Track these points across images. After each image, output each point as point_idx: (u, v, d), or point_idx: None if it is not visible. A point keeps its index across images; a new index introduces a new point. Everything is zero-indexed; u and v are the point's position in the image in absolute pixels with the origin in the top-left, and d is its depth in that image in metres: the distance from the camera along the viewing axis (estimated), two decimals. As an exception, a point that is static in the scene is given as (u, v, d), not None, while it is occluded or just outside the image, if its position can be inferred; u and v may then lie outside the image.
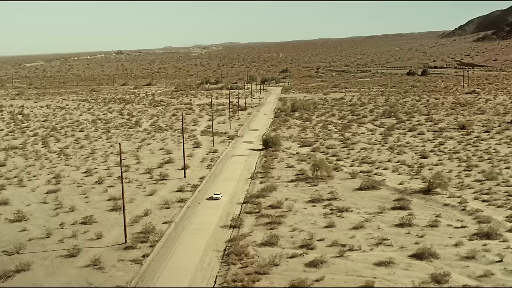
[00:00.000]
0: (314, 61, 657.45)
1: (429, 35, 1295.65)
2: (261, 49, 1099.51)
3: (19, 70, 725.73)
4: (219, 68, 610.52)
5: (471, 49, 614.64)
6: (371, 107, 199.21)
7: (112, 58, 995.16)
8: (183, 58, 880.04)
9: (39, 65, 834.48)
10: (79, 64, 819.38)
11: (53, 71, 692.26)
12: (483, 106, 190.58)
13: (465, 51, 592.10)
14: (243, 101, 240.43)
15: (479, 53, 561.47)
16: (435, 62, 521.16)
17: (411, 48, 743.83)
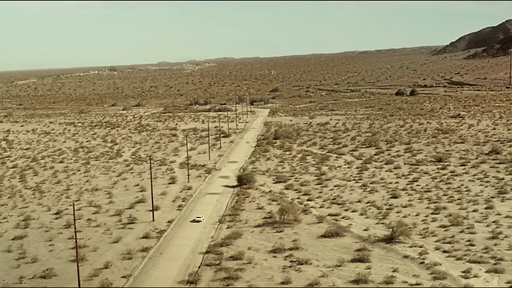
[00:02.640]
0: (305, 79, 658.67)
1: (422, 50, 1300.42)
2: (254, 65, 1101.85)
3: (10, 88, 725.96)
4: (210, 87, 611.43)
5: (461, 67, 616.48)
6: (354, 134, 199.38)
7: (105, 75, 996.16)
8: (175, 75, 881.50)
9: (31, 82, 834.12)
10: (71, 82, 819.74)
11: (44, 90, 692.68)
12: (465, 133, 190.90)
13: (455, 69, 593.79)
14: (229, 125, 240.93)
15: (469, 71, 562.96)
16: (425, 81, 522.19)
17: (402, 66, 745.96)
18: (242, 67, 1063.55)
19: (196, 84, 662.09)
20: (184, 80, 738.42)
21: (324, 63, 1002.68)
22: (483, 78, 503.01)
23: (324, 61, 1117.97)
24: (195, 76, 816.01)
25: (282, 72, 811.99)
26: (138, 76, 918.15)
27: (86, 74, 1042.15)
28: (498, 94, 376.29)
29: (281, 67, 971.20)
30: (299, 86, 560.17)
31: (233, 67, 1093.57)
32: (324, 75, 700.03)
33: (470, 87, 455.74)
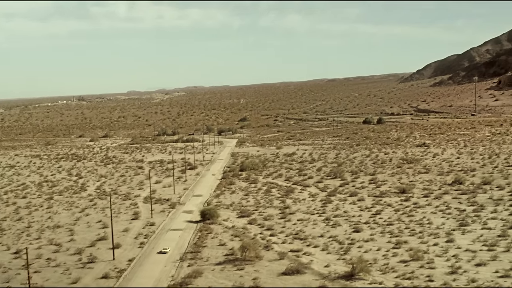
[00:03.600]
0: (274, 108, 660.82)
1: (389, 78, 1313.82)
2: (223, 94, 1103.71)
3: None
4: (178, 116, 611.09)
5: (427, 94, 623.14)
6: (320, 165, 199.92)
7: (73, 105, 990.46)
8: (144, 104, 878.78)
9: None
10: (39, 112, 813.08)
11: (11, 121, 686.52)
12: (429, 162, 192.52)
13: (422, 97, 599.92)
14: (196, 156, 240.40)
15: (435, 98, 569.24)
16: (392, 109, 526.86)
17: (369, 94, 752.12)
18: (212, 95, 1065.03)
19: (164, 114, 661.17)
20: (153, 110, 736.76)
21: (293, 92, 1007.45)
22: (449, 106, 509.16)
23: (293, 89, 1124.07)
24: (164, 106, 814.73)
25: (251, 101, 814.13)
26: (106, 106, 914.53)
27: (55, 104, 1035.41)
28: (463, 121, 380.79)
29: (250, 95, 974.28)
30: (268, 115, 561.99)
31: (202, 96, 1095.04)
32: (292, 104, 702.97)
33: (436, 115, 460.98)
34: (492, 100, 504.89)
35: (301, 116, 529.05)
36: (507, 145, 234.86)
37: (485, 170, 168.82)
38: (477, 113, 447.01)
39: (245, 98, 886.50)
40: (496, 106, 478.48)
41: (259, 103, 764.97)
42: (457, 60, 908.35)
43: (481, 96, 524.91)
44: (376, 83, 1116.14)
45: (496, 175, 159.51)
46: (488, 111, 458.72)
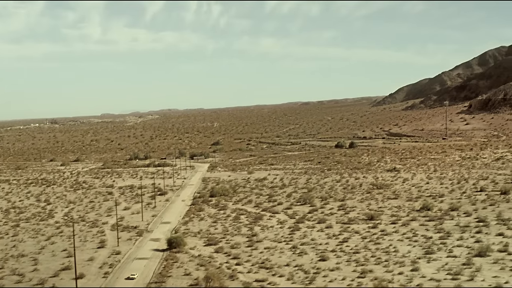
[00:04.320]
0: (247, 132, 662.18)
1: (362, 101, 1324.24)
2: (197, 117, 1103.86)
3: None
4: (151, 140, 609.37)
5: (399, 118, 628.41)
6: (290, 190, 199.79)
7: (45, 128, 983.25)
8: (117, 128, 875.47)
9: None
10: (11, 135, 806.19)
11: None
12: (399, 188, 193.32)
13: (394, 121, 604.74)
14: (167, 182, 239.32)
15: (407, 122, 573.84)
16: (365, 133, 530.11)
17: (342, 117, 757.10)
18: (185, 119, 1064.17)
19: (137, 138, 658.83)
20: (126, 133, 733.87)
21: (267, 115, 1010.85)
22: (421, 129, 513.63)
23: (266, 112, 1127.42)
24: (137, 129, 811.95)
25: (224, 124, 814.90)
26: (79, 129, 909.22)
27: (27, 127, 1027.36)
28: (434, 145, 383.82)
29: (224, 119, 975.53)
30: (241, 139, 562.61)
31: (176, 119, 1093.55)
32: (266, 127, 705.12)
33: (408, 139, 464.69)
34: (463, 124, 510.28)
35: (274, 140, 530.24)
36: (476, 169, 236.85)
37: (453, 196, 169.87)
38: (448, 137, 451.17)
39: (218, 122, 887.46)
40: (467, 130, 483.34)
41: (233, 126, 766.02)
42: (429, 84, 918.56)
43: (452, 120, 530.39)
44: (349, 106, 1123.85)
45: (464, 200, 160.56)
46: (459, 135, 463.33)
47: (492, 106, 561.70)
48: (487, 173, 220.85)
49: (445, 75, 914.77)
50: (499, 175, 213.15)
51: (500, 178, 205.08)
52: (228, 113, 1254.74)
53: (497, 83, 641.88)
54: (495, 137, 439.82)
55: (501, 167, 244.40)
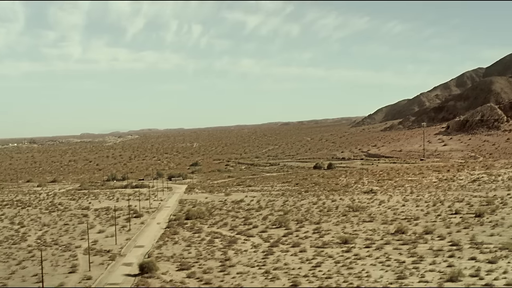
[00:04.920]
0: (227, 152, 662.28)
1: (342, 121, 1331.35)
2: (177, 137, 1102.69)
3: None
4: (130, 161, 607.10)
5: (378, 139, 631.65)
6: (266, 213, 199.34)
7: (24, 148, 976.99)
8: (96, 148, 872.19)
9: None
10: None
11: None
12: (374, 210, 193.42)
13: (373, 141, 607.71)
14: (143, 204, 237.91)
15: (385, 143, 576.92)
16: (343, 153, 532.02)
17: (321, 138, 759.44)
18: (165, 139, 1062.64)
19: (116, 158, 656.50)
20: (104, 154, 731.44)
21: (247, 135, 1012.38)
22: (399, 150, 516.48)
23: (246, 133, 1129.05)
24: (116, 149, 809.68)
25: (204, 145, 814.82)
26: (58, 149, 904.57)
27: (5, 147, 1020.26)
28: (412, 166, 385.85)
29: (204, 139, 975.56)
30: (220, 159, 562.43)
31: (156, 139, 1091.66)
32: (245, 148, 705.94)
33: (386, 160, 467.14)
34: (441, 145, 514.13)
35: (253, 160, 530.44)
36: (452, 191, 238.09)
37: (428, 219, 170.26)
38: (426, 158, 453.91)
39: (198, 142, 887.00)
40: (445, 151, 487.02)
41: (212, 147, 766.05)
42: (407, 104, 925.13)
43: (430, 141, 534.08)
44: (329, 127, 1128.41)
45: (439, 223, 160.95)
46: (437, 156, 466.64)
47: (470, 127, 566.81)
48: (463, 195, 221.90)
49: (424, 96, 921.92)
50: (475, 197, 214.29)
51: (476, 200, 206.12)
52: (208, 133, 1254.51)
53: (475, 105, 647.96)
54: (472, 158, 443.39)
55: (477, 189, 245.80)
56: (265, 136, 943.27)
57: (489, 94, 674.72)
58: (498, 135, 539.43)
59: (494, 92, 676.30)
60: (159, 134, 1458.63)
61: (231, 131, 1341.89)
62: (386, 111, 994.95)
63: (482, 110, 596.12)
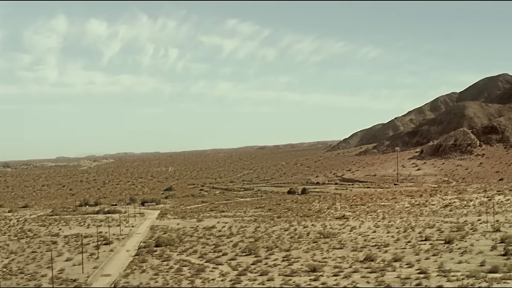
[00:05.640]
0: (202, 177, 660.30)
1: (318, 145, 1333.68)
2: (152, 161, 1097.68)
3: None
4: (104, 185, 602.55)
5: (352, 163, 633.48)
6: (237, 240, 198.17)
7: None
8: (70, 172, 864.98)
9: None
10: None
11: None
12: (345, 237, 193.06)
13: (347, 166, 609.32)
14: (115, 230, 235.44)
15: (360, 167, 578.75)
16: (318, 178, 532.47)
17: (296, 162, 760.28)
18: (140, 163, 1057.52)
19: (90, 183, 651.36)
20: (78, 178, 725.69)
21: (222, 159, 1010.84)
22: (373, 175, 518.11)
23: (222, 157, 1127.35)
24: (90, 174, 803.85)
25: (179, 169, 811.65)
26: (32, 173, 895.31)
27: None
28: (385, 191, 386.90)
29: (180, 163, 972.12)
30: (194, 184, 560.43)
31: (131, 163, 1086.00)
32: (220, 172, 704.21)
33: (360, 184, 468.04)
34: (415, 170, 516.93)
35: (227, 185, 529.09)
36: (424, 217, 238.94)
37: (398, 245, 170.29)
38: (399, 183, 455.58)
39: (174, 166, 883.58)
40: (418, 175, 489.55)
41: (187, 171, 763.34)
42: (382, 129, 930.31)
43: (404, 165, 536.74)
44: (304, 151, 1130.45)
45: (408, 250, 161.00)
46: (411, 181, 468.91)
47: (443, 152, 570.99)
48: (434, 221, 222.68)
49: (398, 120, 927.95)
50: (446, 223, 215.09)
51: (446, 226, 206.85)
52: (184, 157, 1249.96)
53: (448, 129, 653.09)
54: (445, 182, 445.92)
55: (448, 214, 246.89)
56: (240, 160, 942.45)
57: (462, 118, 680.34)
58: (471, 159, 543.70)
59: (467, 116, 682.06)
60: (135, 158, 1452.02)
61: (207, 155, 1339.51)
62: (361, 135, 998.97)
63: (456, 134, 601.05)
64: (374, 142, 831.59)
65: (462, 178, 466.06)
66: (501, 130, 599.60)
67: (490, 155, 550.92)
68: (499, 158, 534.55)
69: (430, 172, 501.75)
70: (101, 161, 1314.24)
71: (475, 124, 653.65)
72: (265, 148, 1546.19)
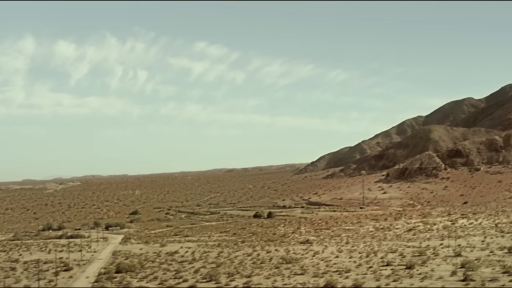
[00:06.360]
0: (168, 200, 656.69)
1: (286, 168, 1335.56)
2: (119, 184, 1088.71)
3: None
4: (69, 209, 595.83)
5: (319, 186, 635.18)
6: (199, 265, 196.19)
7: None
8: (36, 195, 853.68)
9: None
10: None
11: None
12: (308, 262, 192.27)
13: (314, 189, 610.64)
14: (76, 255, 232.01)
15: (326, 191, 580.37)
16: (284, 201, 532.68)
17: (264, 186, 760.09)
18: (107, 186, 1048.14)
19: (55, 206, 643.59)
20: (43, 201, 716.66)
21: (190, 182, 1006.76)
22: (339, 198, 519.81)
23: (190, 180, 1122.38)
24: (56, 197, 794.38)
25: (146, 192, 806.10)
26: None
27: None
28: (351, 215, 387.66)
29: (147, 186, 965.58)
30: (161, 208, 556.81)
31: (98, 186, 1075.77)
32: (187, 196, 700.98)
33: (326, 208, 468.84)
34: (381, 193, 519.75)
35: (193, 209, 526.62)
36: (387, 241, 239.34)
37: (359, 271, 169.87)
38: (365, 206, 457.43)
39: (140, 189, 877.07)
40: (384, 198, 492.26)
41: (154, 194, 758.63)
42: (349, 152, 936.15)
43: (370, 189, 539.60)
44: (273, 174, 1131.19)
45: (369, 276, 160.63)
46: (377, 204, 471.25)
47: (409, 175, 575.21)
48: (397, 245, 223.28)
49: (365, 143, 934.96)
50: (408, 247, 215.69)
51: (409, 250, 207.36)
52: (151, 180, 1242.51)
53: (414, 152, 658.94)
54: (410, 206, 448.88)
55: (411, 238, 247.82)
56: (208, 183, 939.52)
57: (428, 142, 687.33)
58: (436, 183, 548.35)
59: (432, 140, 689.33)
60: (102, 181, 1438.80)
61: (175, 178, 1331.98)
62: (328, 159, 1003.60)
63: (421, 158, 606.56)
64: (341, 165, 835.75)
65: (427, 201, 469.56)
66: (465, 153, 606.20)
67: (455, 178, 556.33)
68: (463, 181, 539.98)
69: (395, 195, 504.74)
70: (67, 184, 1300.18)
71: (440, 147, 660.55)
72: (233, 171, 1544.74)
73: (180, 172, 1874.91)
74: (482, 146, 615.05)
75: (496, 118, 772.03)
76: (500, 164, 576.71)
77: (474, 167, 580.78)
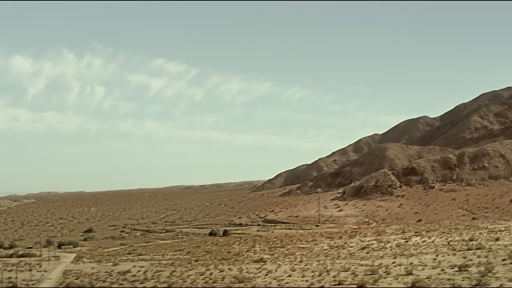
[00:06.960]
0: (124, 218, 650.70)
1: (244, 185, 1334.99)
2: (75, 201, 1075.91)
3: None
4: (22, 227, 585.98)
5: (276, 204, 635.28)
6: (150, 285, 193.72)
7: None
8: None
9: None
10: None
11: None
12: (260, 282, 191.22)
13: (271, 207, 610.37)
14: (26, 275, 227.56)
15: (283, 208, 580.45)
16: (241, 219, 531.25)
17: (220, 203, 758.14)
18: (63, 203, 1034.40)
19: (8, 224, 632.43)
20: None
21: (147, 199, 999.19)
22: (296, 216, 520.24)
23: (147, 197, 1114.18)
24: (9, 214, 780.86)
25: (102, 210, 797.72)
26: None
27: None
28: (306, 233, 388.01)
29: (103, 203, 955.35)
30: (116, 225, 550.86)
31: (53, 203, 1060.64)
32: (143, 213, 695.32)
33: (282, 226, 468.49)
34: (337, 210, 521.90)
35: (149, 226, 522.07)
36: (341, 260, 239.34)
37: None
38: (321, 224, 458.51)
39: (96, 207, 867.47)
40: (340, 216, 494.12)
41: (110, 212, 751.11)
42: (306, 169, 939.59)
43: (326, 206, 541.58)
44: (230, 191, 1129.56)
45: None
46: (332, 222, 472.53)
47: (365, 193, 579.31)
48: (350, 264, 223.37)
49: (322, 161, 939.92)
50: (361, 266, 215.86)
51: (361, 269, 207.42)
52: (108, 197, 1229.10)
53: (370, 170, 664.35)
54: (365, 223, 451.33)
55: (365, 256, 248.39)
56: (165, 201, 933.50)
57: (384, 160, 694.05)
58: (392, 200, 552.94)
59: (388, 158, 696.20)
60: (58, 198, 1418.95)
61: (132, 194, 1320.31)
62: (285, 176, 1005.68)
63: (377, 176, 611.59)
64: (298, 182, 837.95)
65: (382, 219, 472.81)
66: (420, 171, 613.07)
67: (410, 196, 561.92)
68: (418, 199, 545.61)
69: (351, 213, 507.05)
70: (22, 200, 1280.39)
71: (395, 165, 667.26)
72: (191, 188, 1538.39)
73: (137, 189, 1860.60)
74: (437, 164, 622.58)
75: (450, 136, 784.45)
76: (454, 182, 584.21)
77: (429, 185, 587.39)
